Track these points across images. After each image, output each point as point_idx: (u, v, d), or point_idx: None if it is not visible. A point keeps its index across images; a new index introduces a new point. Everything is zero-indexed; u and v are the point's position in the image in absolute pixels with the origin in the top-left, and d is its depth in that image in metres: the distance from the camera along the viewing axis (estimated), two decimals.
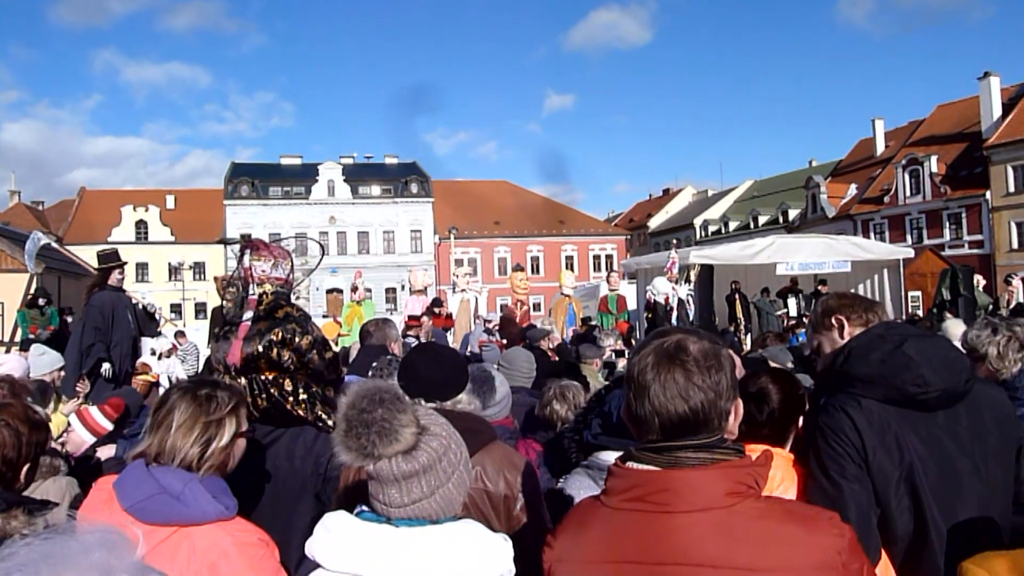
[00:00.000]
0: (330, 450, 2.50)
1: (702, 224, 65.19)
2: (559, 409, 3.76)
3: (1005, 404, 2.21)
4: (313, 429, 2.73)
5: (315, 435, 2.72)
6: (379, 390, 1.65)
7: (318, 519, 1.68)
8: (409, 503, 1.62)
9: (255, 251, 3.02)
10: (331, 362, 2.86)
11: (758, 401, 2.33)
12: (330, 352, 2.87)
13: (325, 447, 2.62)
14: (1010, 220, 40.00)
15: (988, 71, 42.52)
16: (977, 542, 2.00)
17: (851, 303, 2.39)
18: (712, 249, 18.60)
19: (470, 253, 60.75)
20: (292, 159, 63.81)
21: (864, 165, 52.60)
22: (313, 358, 2.77)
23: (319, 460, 2.64)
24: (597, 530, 1.53)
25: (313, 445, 2.69)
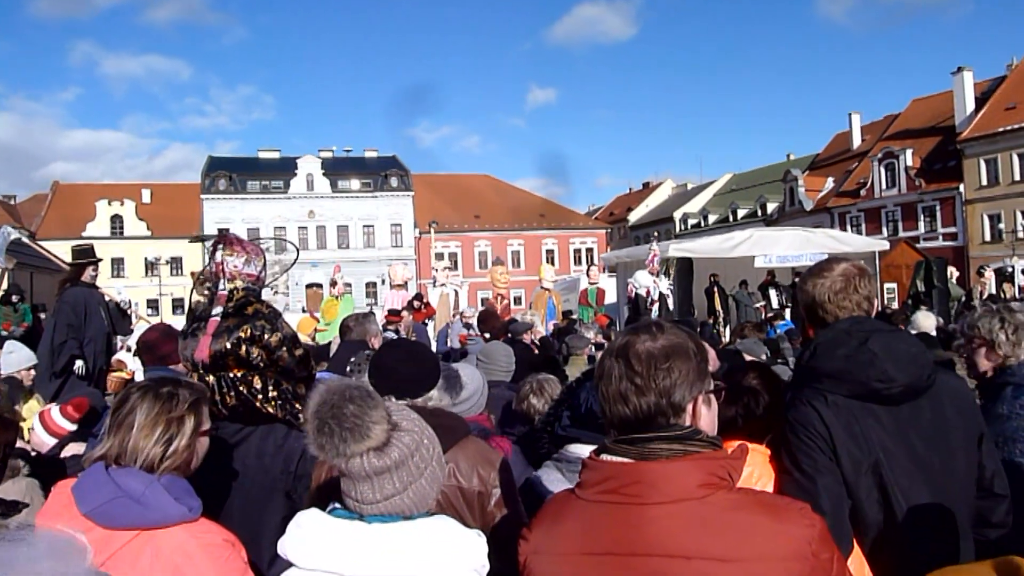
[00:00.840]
0: (301, 448, 2.49)
1: (682, 217, 65.52)
2: (536, 403, 3.75)
3: (966, 394, 2.26)
4: (283, 427, 2.70)
5: (285, 433, 2.68)
6: (349, 387, 1.64)
7: (289, 518, 1.66)
8: (382, 499, 1.61)
9: (227, 246, 2.98)
10: (301, 359, 2.82)
11: (754, 396, 2.34)
12: (300, 349, 2.84)
13: (296, 445, 2.59)
14: (983, 213, 40.59)
15: (962, 66, 43.09)
16: (943, 529, 2.06)
17: None
18: (691, 242, 18.70)
19: (451, 247, 60.65)
20: (270, 153, 63.30)
21: (841, 159, 53.12)
22: (283, 355, 2.74)
23: (289, 458, 2.61)
24: (571, 523, 1.54)
25: (283, 443, 2.66)
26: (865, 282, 2.29)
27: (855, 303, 2.26)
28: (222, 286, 2.89)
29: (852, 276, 2.29)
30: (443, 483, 2.24)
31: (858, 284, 2.27)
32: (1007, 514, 2.23)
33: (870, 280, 2.31)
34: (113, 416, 2.00)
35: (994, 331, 3.07)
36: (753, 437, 2.18)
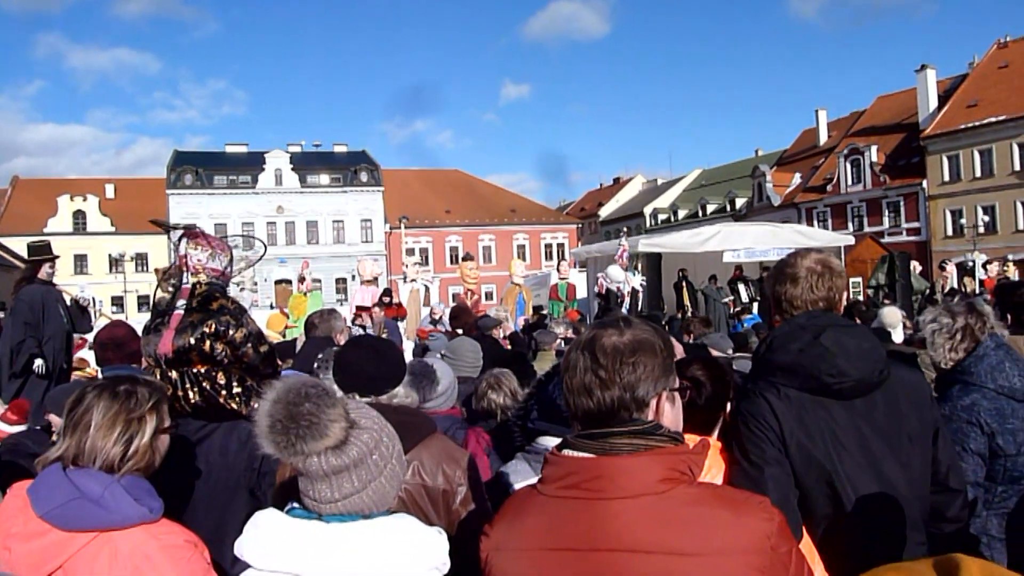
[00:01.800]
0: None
1: (652, 213, 65.94)
2: (496, 398, 3.76)
3: (922, 389, 2.26)
4: (248, 423, 2.65)
5: (250, 430, 2.64)
6: (305, 384, 1.61)
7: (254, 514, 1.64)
8: (340, 498, 1.58)
9: (192, 239, 2.94)
10: (266, 356, 2.79)
11: (696, 387, 2.34)
12: (265, 346, 2.80)
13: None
14: (945, 208, 41.41)
15: (925, 64, 43.86)
16: (892, 523, 2.08)
17: None
18: (661, 237, 18.82)
19: (421, 242, 60.43)
20: (238, 147, 62.46)
21: (808, 155, 53.82)
22: (247, 351, 2.70)
23: (254, 455, 2.57)
24: (533, 518, 1.53)
25: (248, 440, 2.61)
26: (829, 276, 2.29)
27: (818, 297, 2.28)
28: (186, 280, 2.85)
29: (815, 270, 2.30)
30: (408, 481, 2.23)
31: (822, 278, 2.29)
32: (962, 508, 2.26)
33: (836, 274, 2.31)
34: (68, 416, 1.95)
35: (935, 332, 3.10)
36: (699, 428, 2.19)
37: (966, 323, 3.06)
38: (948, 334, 3.08)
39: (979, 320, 3.06)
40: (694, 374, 2.36)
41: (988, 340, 3.00)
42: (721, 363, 2.63)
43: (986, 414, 2.84)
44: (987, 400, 2.86)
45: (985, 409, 2.85)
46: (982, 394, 2.88)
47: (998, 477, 2.88)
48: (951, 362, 3.06)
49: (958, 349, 3.06)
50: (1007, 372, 2.89)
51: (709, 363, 2.48)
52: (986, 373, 2.90)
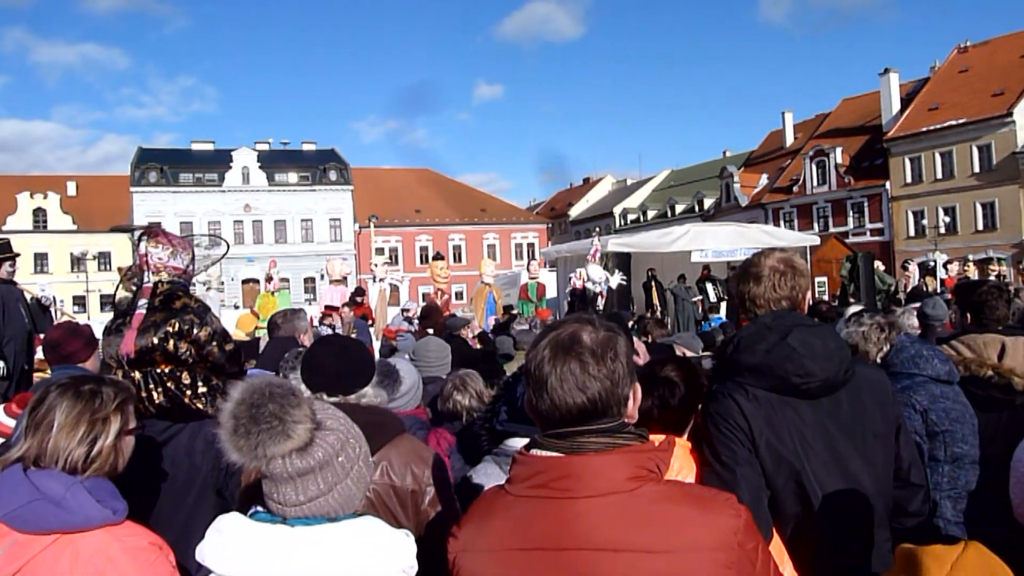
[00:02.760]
0: None
1: (621, 213, 66.31)
2: (461, 399, 3.74)
3: (885, 387, 2.30)
4: (214, 423, 2.61)
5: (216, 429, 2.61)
6: (270, 384, 1.58)
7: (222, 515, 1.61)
8: (306, 501, 1.56)
9: (152, 238, 2.89)
10: (231, 355, 2.75)
11: (669, 387, 2.36)
12: (230, 344, 2.76)
13: None
14: (907, 209, 42.22)
15: (888, 67, 44.72)
16: (859, 520, 2.11)
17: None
18: (630, 237, 18.95)
19: (391, 242, 60.10)
20: (204, 144, 61.51)
21: (774, 156, 54.52)
22: (212, 350, 2.66)
23: (221, 455, 2.54)
24: (501, 519, 1.53)
25: (214, 439, 2.57)
26: (792, 275, 2.32)
27: (781, 296, 2.31)
28: (147, 279, 2.80)
29: (778, 269, 2.33)
30: (376, 481, 2.22)
31: (784, 277, 2.31)
32: (923, 503, 2.30)
33: (799, 273, 2.33)
34: (31, 416, 1.91)
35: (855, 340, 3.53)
36: (669, 429, 2.20)
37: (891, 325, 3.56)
38: (879, 330, 3.52)
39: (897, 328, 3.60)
40: (668, 375, 2.37)
41: (902, 336, 3.48)
42: (693, 364, 2.65)
43: (917, 396, 3.14)
44: (916, 384, 3.18)
45: (916, 392, 3.15)
46: (912, 380, 3.20)
47: (942, 455, 3.08)
48: (881, 357, 3.44)
49: (884, 345, 3.48)
50: (927, 359, 3.25)
51: (682, 364, 2.50)
52: (909, 361, 3.26)
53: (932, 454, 3.10)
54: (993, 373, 3.37)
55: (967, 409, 3.18)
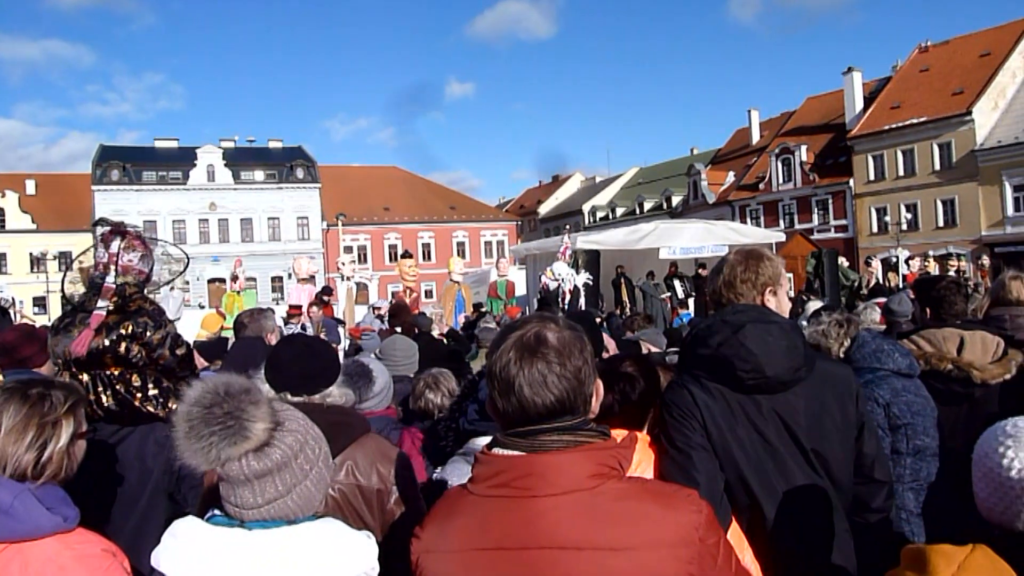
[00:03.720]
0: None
1: (590, 210, 66.56)
2: (433, 398, 3.72)
3: (848, 382, 2.30)
4: (165, 425, 2.56)
5: (167, 432, 2.56)
6: (226, 384, 1.55)
7: (174, 519, 1.57)
8: (263, 503, 1.53)
9: (126, 239, 2.82)
10: (184, 358, 2.69)
11: (630, 383, 2.36)
12: (183, 348, 2.71)
13: None
14: (870, 206, 42.94)
15: (852, 66, 45.35)
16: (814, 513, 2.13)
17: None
18: (599, 234, 19.02)
19: (359, 240, 59.68)
20: (168, 142, 60.47)
21: (741, 153, 55.08)
22: (164, 354, 2.61)
23: (172, 458, 2.49)
24: (463, 518, 1.52)
25: (165, 442, 2.53)
26: (754, 266, 2.34)
27: (741, 287, 2.33)
28: (110, 279, 2.72)
29: (736, 261, 2.36)
30: (341, 481, 2.19)
31: (741, 268, 2.35)
32: (886, 499, 2.32)
33: (762, 263, 2.35)
34: None
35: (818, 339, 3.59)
36: (629, 423, 2.21)
37: (849, 321, 3.62)
38: (838, 326, 3.58)
39: (856, 324, 3.66)
40: (627, 370, 2.38)
41: (864, 332, 3.53)
42: (651, 359, 2.66)
43: (879, 389, 3.18)
44: (878, 378, 3.23)
45: (878, 385, 3.19)
46: (874, 374, 3.24)
47: (904, 448, 3.13)
48: (843, 352, 3.49)
49: (844, 341, 3.53)
50: (888, 353, 3.30)
51: (640, 359, 2.51)
52: (871, 356, 3.30)
53: (895, 447, 3.15)
54: (952, 367, 3.43)
55: (928, 402, 3.24)
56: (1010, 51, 40.00)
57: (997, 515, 1.58)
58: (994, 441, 1.61)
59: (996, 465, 1.57)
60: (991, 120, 38.52)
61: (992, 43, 41.39)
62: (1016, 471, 1.53)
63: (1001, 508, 1.57)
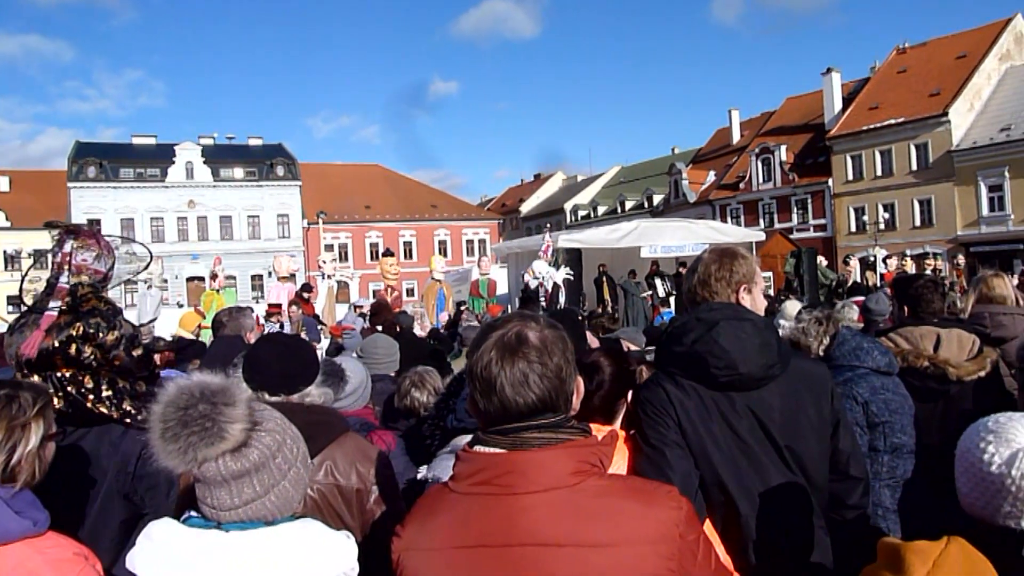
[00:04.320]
0: (140, 447, 2.34)
1: (572, 209, 66.72)
2: (419, 396, 3.70)
3: (824, 381, 2.31)
4: (119, 426, 2.51)
5: (122, 432, 2.50)
6: (202, 385, 1.52)
7: (129, 522, 1.54)
8: (240, 504, 1.51)
9: (80, 237, 2.76)
10: (140, 360, 2.63)
11: (590, 373, 2.37)
12: (139, 349, 2.64)
13: (133, 444, 2.43)
14: (849, 206, 43.37)
15: (831, 67, 45.77)
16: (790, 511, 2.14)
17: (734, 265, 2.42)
18: (581, 233, 19.05)
19: (340, 238, 59.39)
20: (146, 139, 59.80)
21: (721, 153, 55.45)
22: (119, 355, 2.53)
23: (127, 458, 2.44)
24: (445, 516, 1.51)
25: (120, 443, 2.48)
26: (728, 268, 2.34)
27: (719, 289, 2.34)
28: (64, 279, 2.67)
29: (710, 259, 2.38)
30: (320, 481, 2.18)
31: (716, 266, 2.35)
32: (862, 496, 2.33)
33: (736, 261, 2.35)
34: None
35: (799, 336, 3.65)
36: (596, 414, 2.21)
37: (828, 318, 3.65)
38: (817, 323, 3.62)
39: (835, 321, 3.69)
40: (596, 359, 2.38)
41: (844, 330, 3.55)
42: (621, 350, 2.66)
43: (858, 387, 3.20)
44: (858, 376, 3.24)
45: (857, 383, 3.21)
46: (853, 372, 3.26)
47: (881, 446, 3.15)
48: (822, 349, 3.52)
49: (824, 338, 3.56)
50: (868, 351, 3.31)
51: (609, 351, 2.51)
52: (851, 354, 3.32)
53: (872, 444, 3.17)
54: (929, 364, 3.47)
55: (906, 400, 3.26)
56: (986, 53, 40.56)
57: (979, 509, 1.60)
58: (976, 437, 1.62)
59: (978, 460, 1.59)
60: (967, 121, 39.05)
61: (968, 45, 41.95)
62: (997, 466, 1.55)
63: (983, 503, 1.58)
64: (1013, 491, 1.53)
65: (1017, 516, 1.54)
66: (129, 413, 2.49)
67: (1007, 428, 1.58)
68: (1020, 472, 1.52)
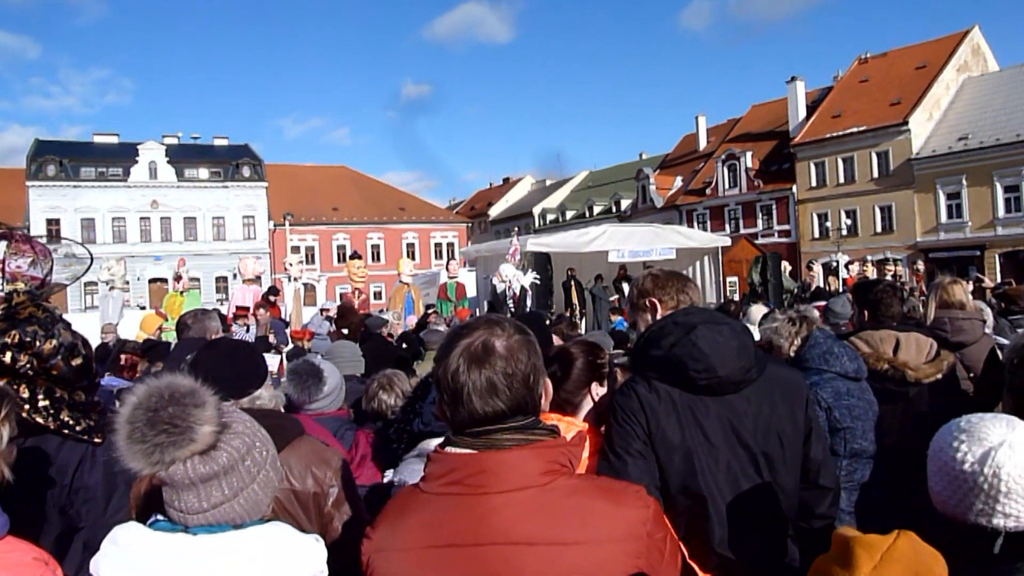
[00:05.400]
0: (77, 458, 2.30)
1: (541, 213, 66.86)
2: (387, 399, 3.69)
3: (799, 388, 2.35)
4: (56, 437, 2.42)
5: (59, 444, 2.42)
6: (171, 386, 1.51)
7: (65, 536, 1.52)
8: (209, 508, 1.49)
9: (12, 243, 2.70)
10: (80, 369, 2.55)
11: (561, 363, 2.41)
12: (79, 358, 2.55)
13: (70, 456, 2.36)
14: (812, 212, 44.08)
15: (795, 75, 46.50)
16: (756, 517, 2.15)
17: (664, 285, 2.49)
18: (549, 237, 19.13)
19: (307, 240, 58.81)
20: (108, 137, 58.58)
21: (689, 159, 56.01)
22: (57, 364, 2.46)
23: (63, 471, 2.37)
24: (416, 517, 1.51)
25: (56, 455, 2.39)
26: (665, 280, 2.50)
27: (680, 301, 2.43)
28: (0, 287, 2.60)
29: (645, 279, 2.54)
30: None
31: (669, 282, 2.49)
32: (831, 505, 2.36)
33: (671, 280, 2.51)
34: None
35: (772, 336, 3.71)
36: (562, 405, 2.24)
37: (801, 320, 3.66)
38: (790, 323, 3.65)
39: (809, 323, 3.70)
40: (568, 349, 2.41)
41: (817, 332, 3.55)
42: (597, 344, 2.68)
43: (823, 392, 3.23)
44: (824, 380, 3.27)
45: (822, 388, 3.23)
46: (820, 376, 3.28)
47: (841, 451, 3.19)
48: (794, 351, 3.54)
49: (796, 340, 3.58)
50: (838, 356, 3.34)
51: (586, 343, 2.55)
52: (820, 357, 3.34)
53: (832, 448, 3.18)
54: (889, 367, 3.55)
55: (871, 406, 3.30)
56: (944, 64, 41.54)
57: (951, 508, 1.63)
58: (949, 436, 1.65)
59: (950, 459, 1.61)
60: (926, 130, 39.94)
61: (928, 56, 42.93)
62: (970, 464, 1.58)
63: (955, 501, 1.61)
64: (985, 489, 1.55)
65: (989, 513, 1.57)
66: (66, 424, 2.41)
67: (979, 427, 1.61)
68: (992, 470, 1.55)
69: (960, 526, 1.62)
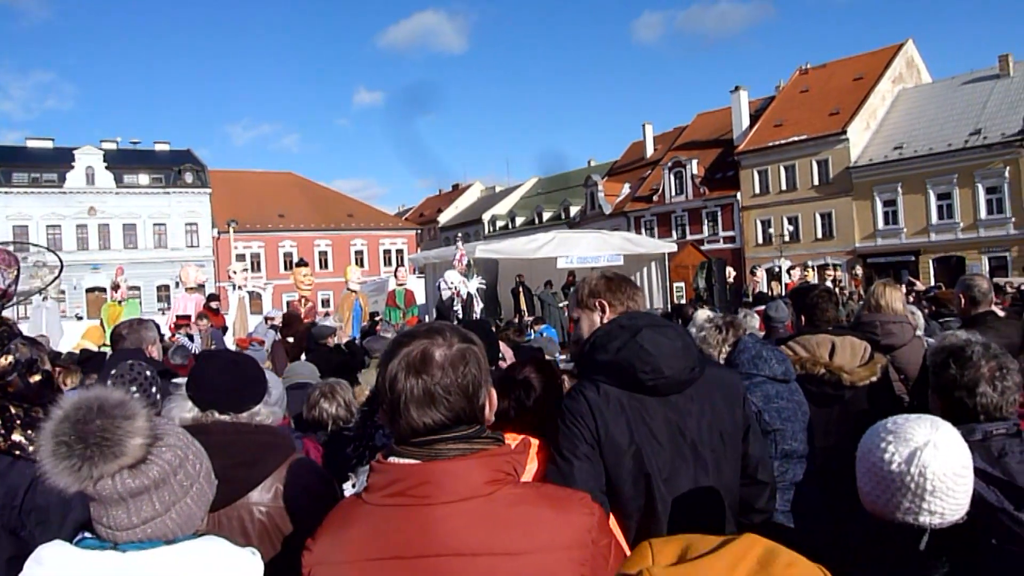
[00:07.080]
0: (29, 478, 2.21)
1: (490, 219, 66.91)
2: (328, 408, 3.64)
3: (736, 387, 2.42)
4: (7, 457, 2.32)
5: (10, 463, 2.31)
6: (99, 398, 1.45)
7: (16, 559, 1.45)
8: (139, 523, 1.44)
9: None
10: (39, 386, 2.46)
11: (525, 389, 2.39)
12: (38, 375, 2.46)
13: (22, 476, 2.26)
14: (756, 218, 45.07)
15: (739, 85, 47.54)
16: (702, 514, 2.19)
17: (615, 290, 2.51)
18: (498, 243, 19.15)
19: (253, 247, 57.69)
20: (42, 142, 56.53)
21: (636, 166, 56.72)
22: (14, 381, 2.37)
23: (13, 491, 2.26)
24: (358, 528, 1.49)
25: (7, 474, 2.30)
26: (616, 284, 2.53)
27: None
28: None
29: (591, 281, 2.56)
30: (270, 504, 2.09)
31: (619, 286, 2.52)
32: (769, 500, 2.42)
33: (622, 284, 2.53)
34: None
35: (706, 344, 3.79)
36: (525, 429, 2.24)
37: (728, 325, 3.77)
38: (716, 331, 3.75)
39: (736, 328, 3.81)
40: (526, 376, 2.40)
41: (746, 337, 3.58)
42: (552, 365, 2.69)
43: (752, 396, 3.24)
44: (754, 385, 3.30)
45: (752, 392, 3.25)
46: (751, 380, 3.31)
47: (773, 452, 3.24)
48: (723, 356, 3.62)
49: (724, 346, 3.68)
50: (767, 360, 3.39)
51: (541, 365, 2.54)
52: (749, 362, 3.39)
53: None
54: (825, 371, 3.64)
55: (800, 407, 3.37)
56: (880, 75, 42.97)
57: (880, 507, 1.67)
58: (876, 438, 1.69)
59: (879, 460, 1.65)
60: (864, 139, 41.24)
61: (865, 68, 44.35)
62: (897, 464, 1.62)
63: (883, 500, 1.65)
64: (912, 488, 1.60)
65: (915, 512, 1.61)
66: (18, 444, 2.31)
67: (905, 428, 1.66)
68: (918, 469, 1.59)
69: (888, 524, 1.67)
